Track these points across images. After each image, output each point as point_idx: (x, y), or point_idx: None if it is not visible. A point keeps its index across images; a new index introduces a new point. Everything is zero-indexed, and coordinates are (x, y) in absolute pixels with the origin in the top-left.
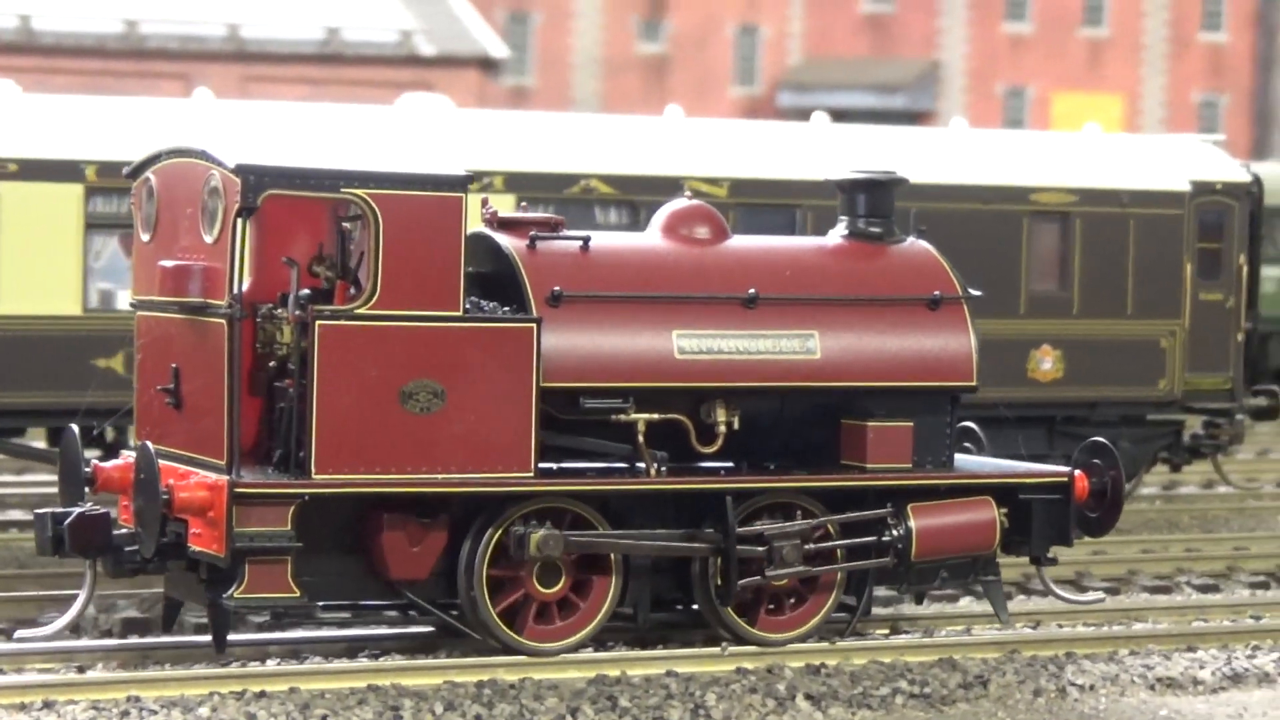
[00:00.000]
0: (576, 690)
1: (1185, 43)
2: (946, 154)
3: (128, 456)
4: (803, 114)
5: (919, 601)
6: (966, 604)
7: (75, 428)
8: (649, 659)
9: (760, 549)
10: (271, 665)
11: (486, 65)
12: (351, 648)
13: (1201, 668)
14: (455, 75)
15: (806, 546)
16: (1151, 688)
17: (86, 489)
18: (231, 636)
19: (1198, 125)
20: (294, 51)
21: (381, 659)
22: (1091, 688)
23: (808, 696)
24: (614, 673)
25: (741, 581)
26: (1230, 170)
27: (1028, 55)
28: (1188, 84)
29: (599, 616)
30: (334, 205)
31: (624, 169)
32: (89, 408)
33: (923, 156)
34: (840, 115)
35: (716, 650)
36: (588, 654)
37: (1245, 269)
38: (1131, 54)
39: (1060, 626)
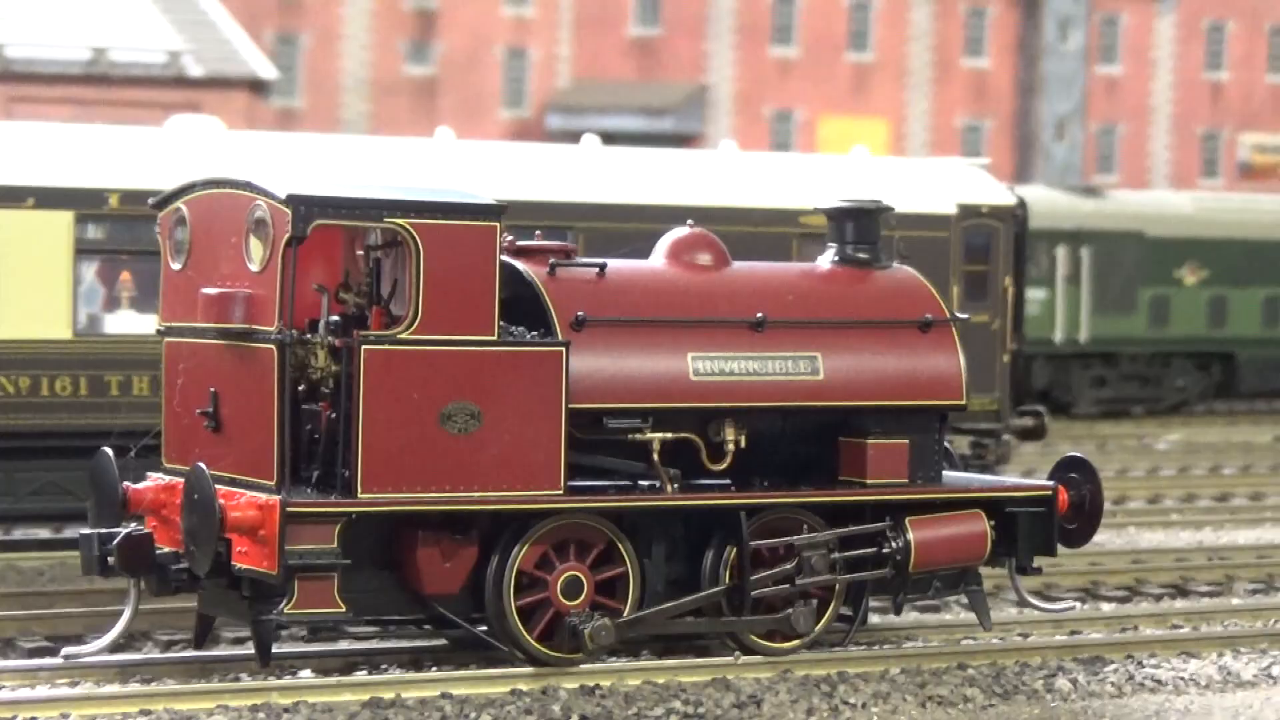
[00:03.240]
0: (351, 713)
1: (949, 68)
2: (718, 176)
3: (157, 479)
4: (572, 136)
5: (898, 612)
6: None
7: (109, 450)
8: (424, 681)
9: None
10: (43, 690)
11: (255, 86)
12: (124, 671)
13: (971, 685)
14: (224, 96)
15: (833, 556)
16: (923, 705)
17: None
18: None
19: (961, 149)
20: (60, 72)
21: (153, 684)
22: (864, 706)
23: (582, 718)
24: (389, 695)
25: (754, 593)
26: (996, 193)
27: (794, 79)
28: (951, 108)
29: None
30: (351, 233)
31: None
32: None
33: (694, 179)
34: (609, 138)
35: (492, 671)
36: (361, 676)
37: (1011, 291)
38: (896, 79)
39: (832, 648)
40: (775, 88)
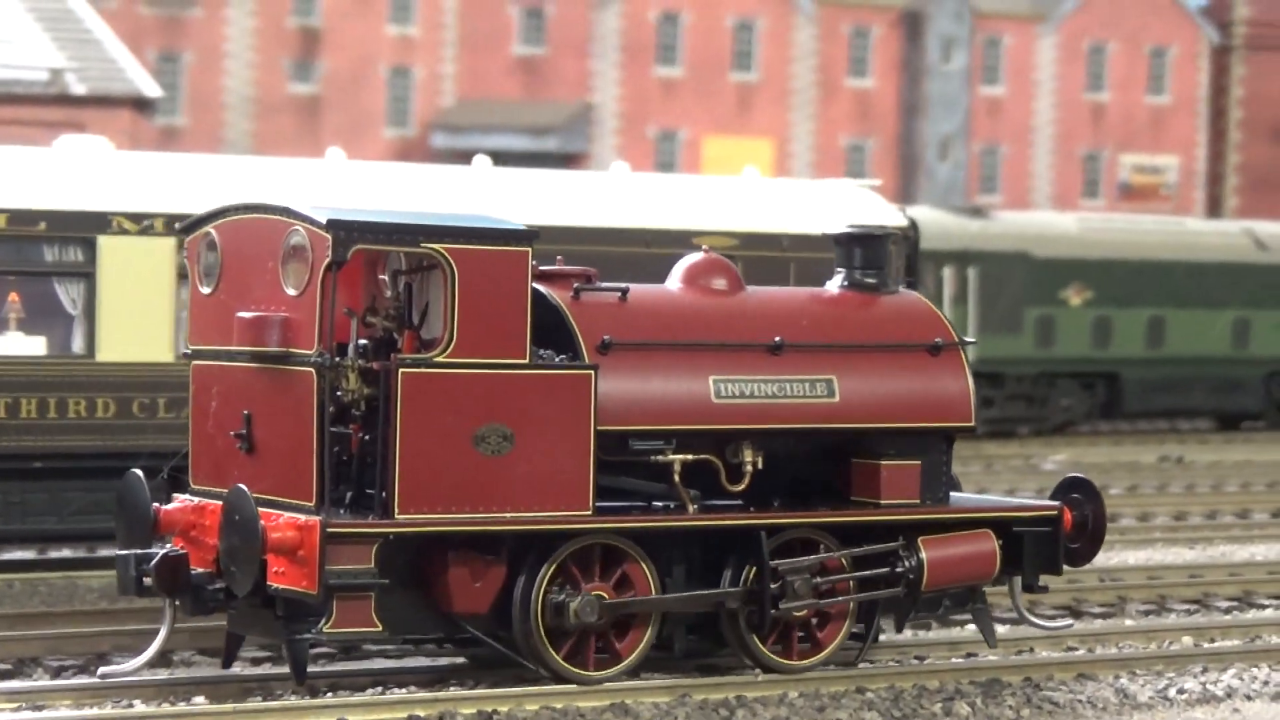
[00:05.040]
0: None
1: (833, 88)
2: (609, 197)
3: (184, 500)
4: (457, 155)
5: (900, 629)
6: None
7: (139, 471)
8: (319, 707)
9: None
10: None
11: (139, 105)
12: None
13: (870, 709)
14: (108, 115)
15: (818, 579)
16: None
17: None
18: None
19: (845, 169)
20: None
21: (44, 711)
22: None
23: None
24: None
25: (774, 612)
26: (887, 214)
27: (679, 99)
28: (835, 128)
29: (641, 645)
30: (373, 257)
31: None
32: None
33: (586, 199)
34: (494, 157)
35: (389, 697)
36: (255, 703)
37: None
38: (781, 99)
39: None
40: (660, 107)
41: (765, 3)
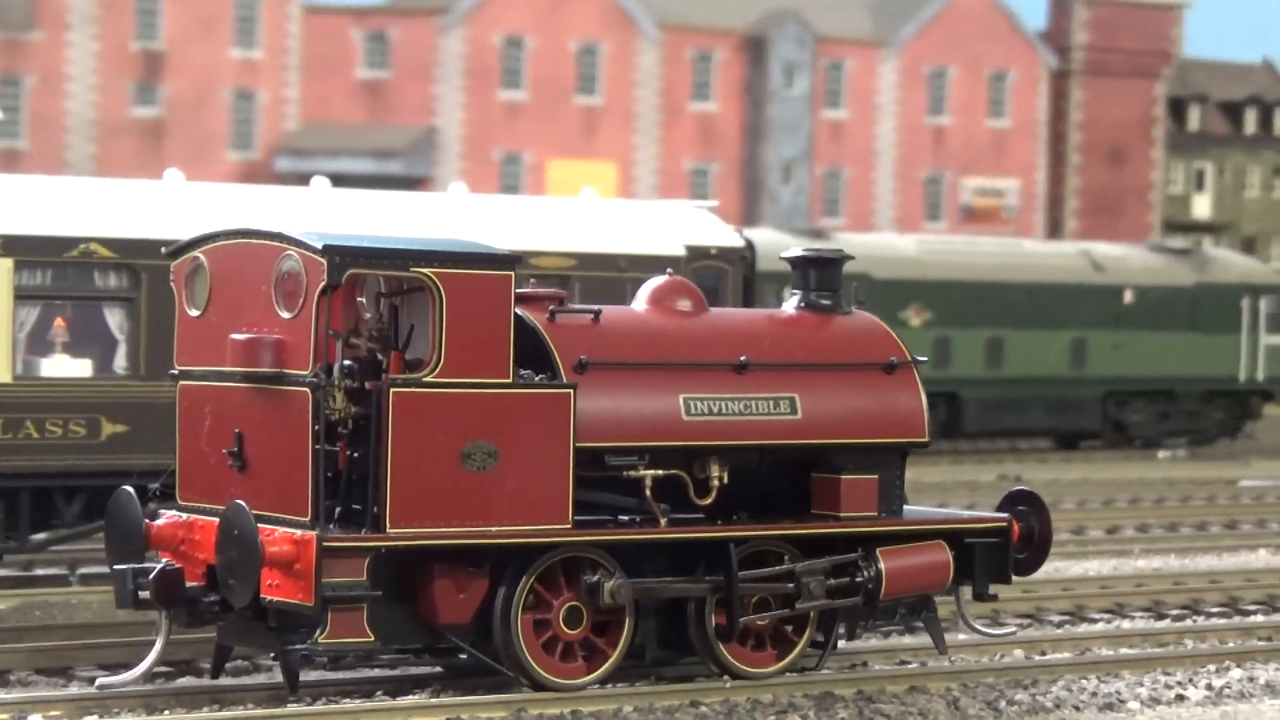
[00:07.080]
0: None
1: (676, 112)
2: (446, 219)
3: (173, 516)
4: (301, 179)
5: (851, 637)
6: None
7: (130, 489)
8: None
9: (779, 587)
10: None
11: None
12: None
13: None
14: None
15: (830, 582)
16: None
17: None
18: None
19: (689, 192)
20: None
21: None
22: None
23: None
24: None
25: (744, 619)
26: (724, 235)
27: (523, 122)
28: (679, 152)
29: (616, 653)
30: (353, 280)
31: (125, 233)
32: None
33: (423, 221)
34: (338, 180)
35: (281, 711)
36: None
37: None
38: (625, 122)
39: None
40: (504, 131)
41: (609, 27)
